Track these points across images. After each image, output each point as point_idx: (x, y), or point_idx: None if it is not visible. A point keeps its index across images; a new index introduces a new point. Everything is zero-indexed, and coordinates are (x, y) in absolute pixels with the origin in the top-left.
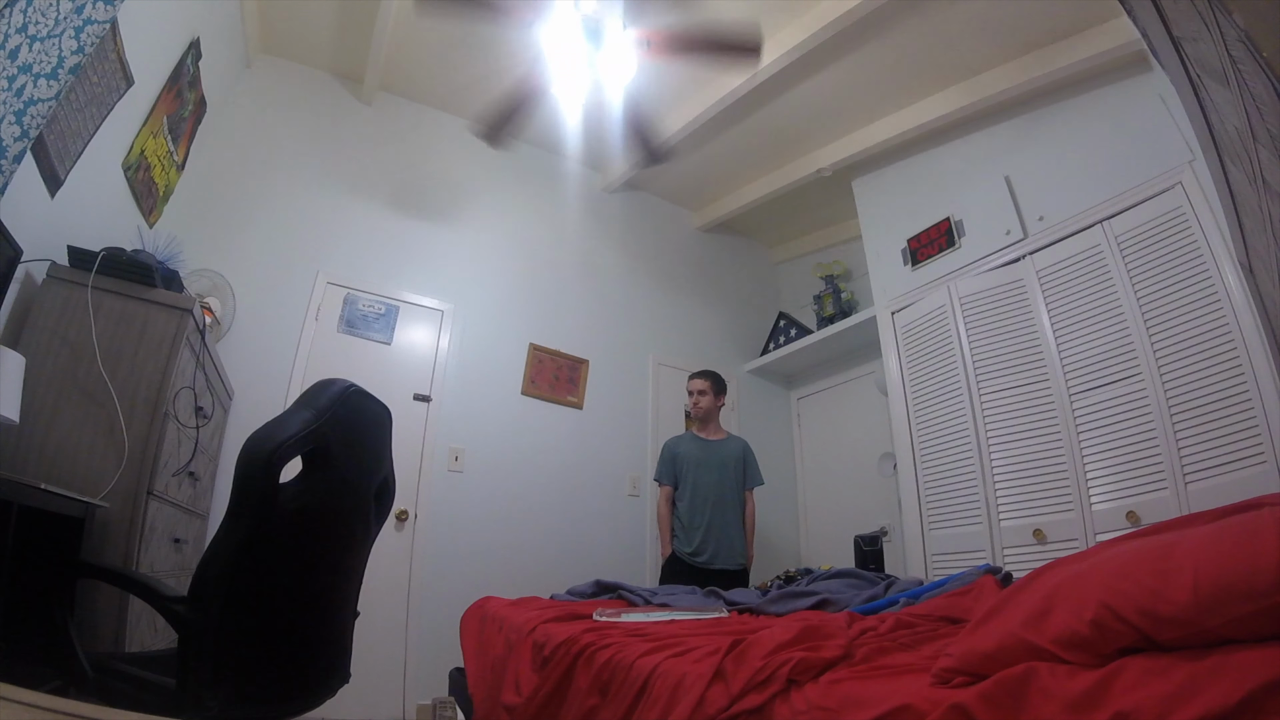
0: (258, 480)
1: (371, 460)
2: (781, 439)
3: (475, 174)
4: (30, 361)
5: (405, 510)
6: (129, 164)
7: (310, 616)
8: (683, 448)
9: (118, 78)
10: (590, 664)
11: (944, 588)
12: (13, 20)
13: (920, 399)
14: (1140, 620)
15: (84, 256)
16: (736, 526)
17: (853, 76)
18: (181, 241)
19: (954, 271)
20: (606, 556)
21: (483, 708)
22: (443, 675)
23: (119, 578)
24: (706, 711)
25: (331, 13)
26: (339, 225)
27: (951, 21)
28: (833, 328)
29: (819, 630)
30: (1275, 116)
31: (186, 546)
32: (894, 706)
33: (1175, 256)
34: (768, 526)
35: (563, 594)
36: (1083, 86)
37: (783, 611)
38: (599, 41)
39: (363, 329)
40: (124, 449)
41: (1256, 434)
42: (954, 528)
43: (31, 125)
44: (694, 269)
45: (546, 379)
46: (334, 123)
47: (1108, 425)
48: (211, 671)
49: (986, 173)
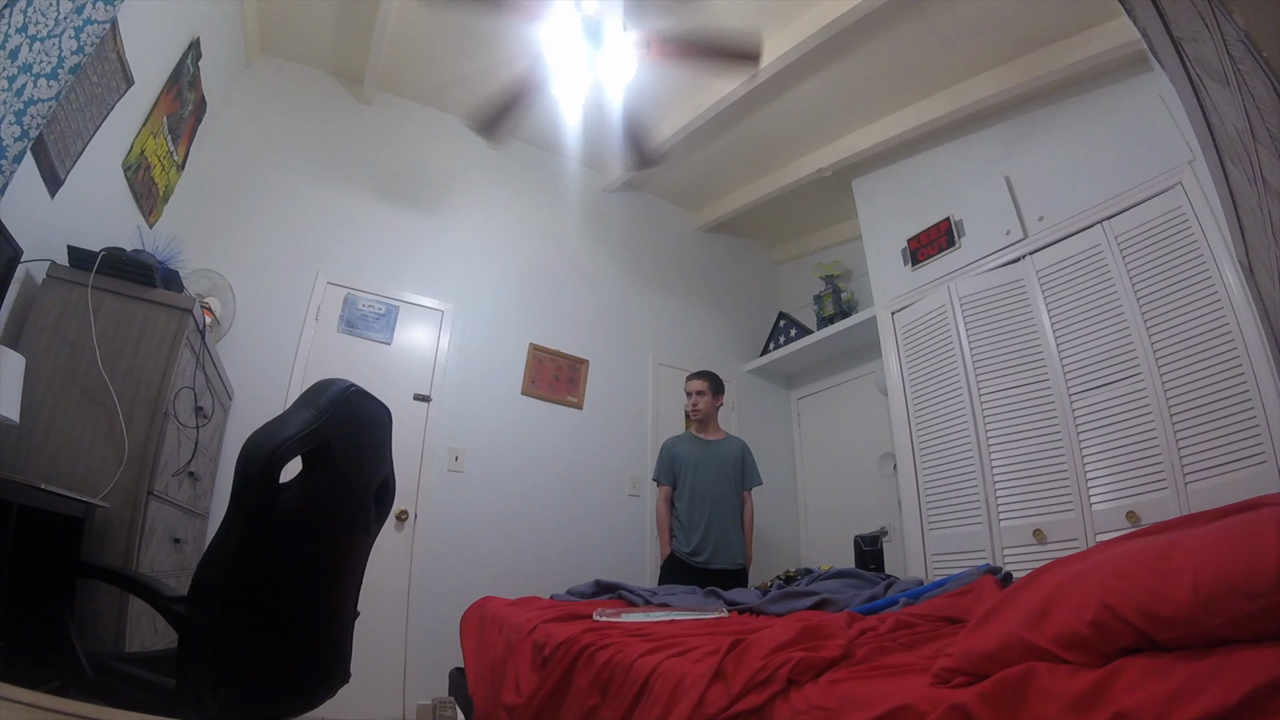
0: (257, 480)
1: (371, 460)
2: (781, 439)
3: (475, 174)
4: (30, 361)
5: (405, 510)
6: (129, 164)
7: (310, 616)
8: (681, 448)
9: (118, 78)
10: (590, 664)
11: (944, 588)
12: (13, 20)
13: (920, 399)
14: (1140, 620)
15: (84, 256)
16: (735, 526)
17: (852, 77)
18: (181, 241)
19: (954, 271)
20: (606, 556)
21: (483, 708)
22: (443, 675)
23: (119, 578)
24: (706, 711)
25: (331, 13)
26: (339, 225)
27: (952, 22)
28: (833, 328)
29: (819, 630)
30: (1275, 116)
31: (186, 546)
32: (894, 706)
33: (1175, 256)
34: (768, 526)
35: (563, 594)
36: (1082, 86)
37: (783, 611)
38: (599, 41)
39: (363, 329)
40: (124, 449)
41: (1256, 434)
42: (954, 528)
43: (31, 125)
44: (694, 269)
45: (546, 379)
46: (334, 122)
47: (1108, 425)
48: (211, 671)
49: (986, 173)
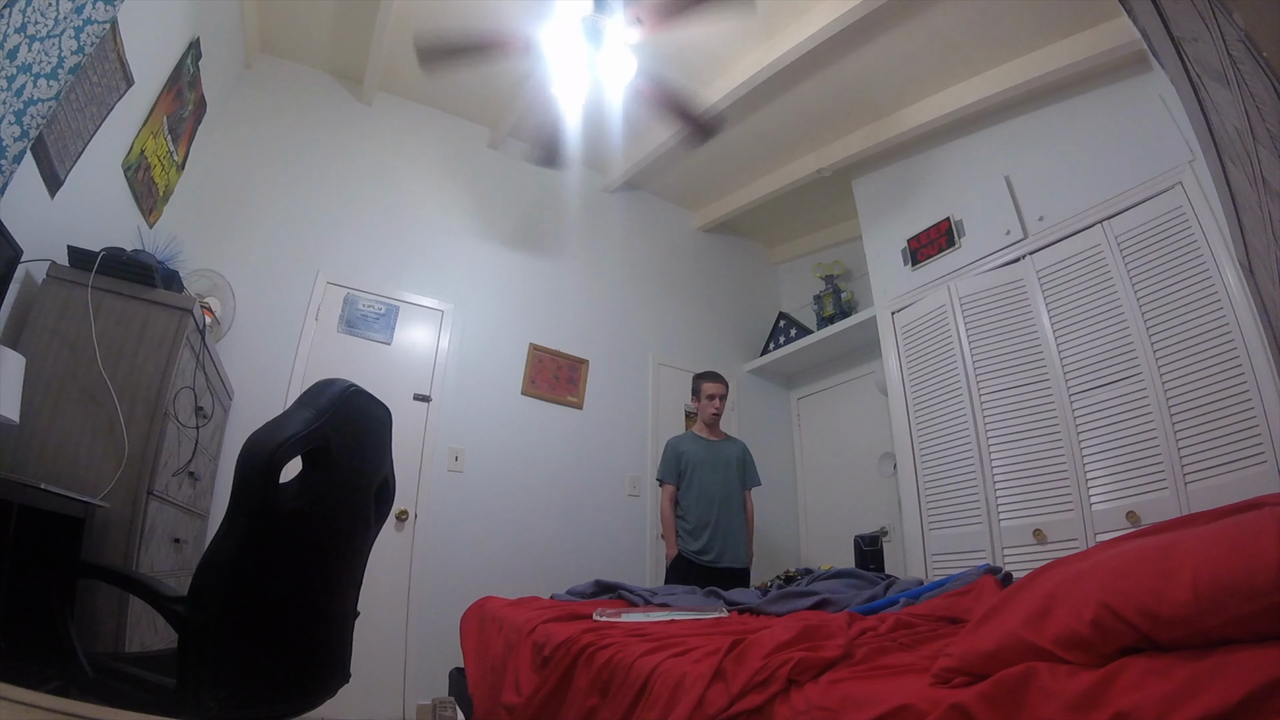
0: (258, 480)
1: (372, 460)
2: (781, 439)
3: (475, 174)
4: (30, 361)
5: (405, 510)
6: (129, 164)
7: (310, 616)
8: (686, 447)
9: (118, 78)
10: (590, 664)
11: (944, 588)
12: (12, 20)
13: (920, 399)
14: (1140, 620)
15: (84, 256)
16: (741, 526)
17: (852, 77)
18: (181, 241)
19: (954, 271)
20: (606, 556)
21: (483, 708)
22: (443, 675)
23: (119, 578)
24: (706, 711)
25: (331, 13)
26: (339, 225)
27: (952, 22)
28: (833, 328)
29: (819, 630)
30: (1275, 116)
31: (186, 546)
32: (894, 706)
33: (1175, 256)
34: (768, 526)
35: (563, 594)
36: (1083, 86)
37: (783, 611)
38: (599, 41)
39: (363, 329)
40: (124, 449)
41: (1256, 434)
42: (954, 528)
43: (31, 125)
44: (694, 269)
45: (546, 379)
46: (334, 122)
47: (1108, 425)
48: (211, 671)
49: (986, 173)
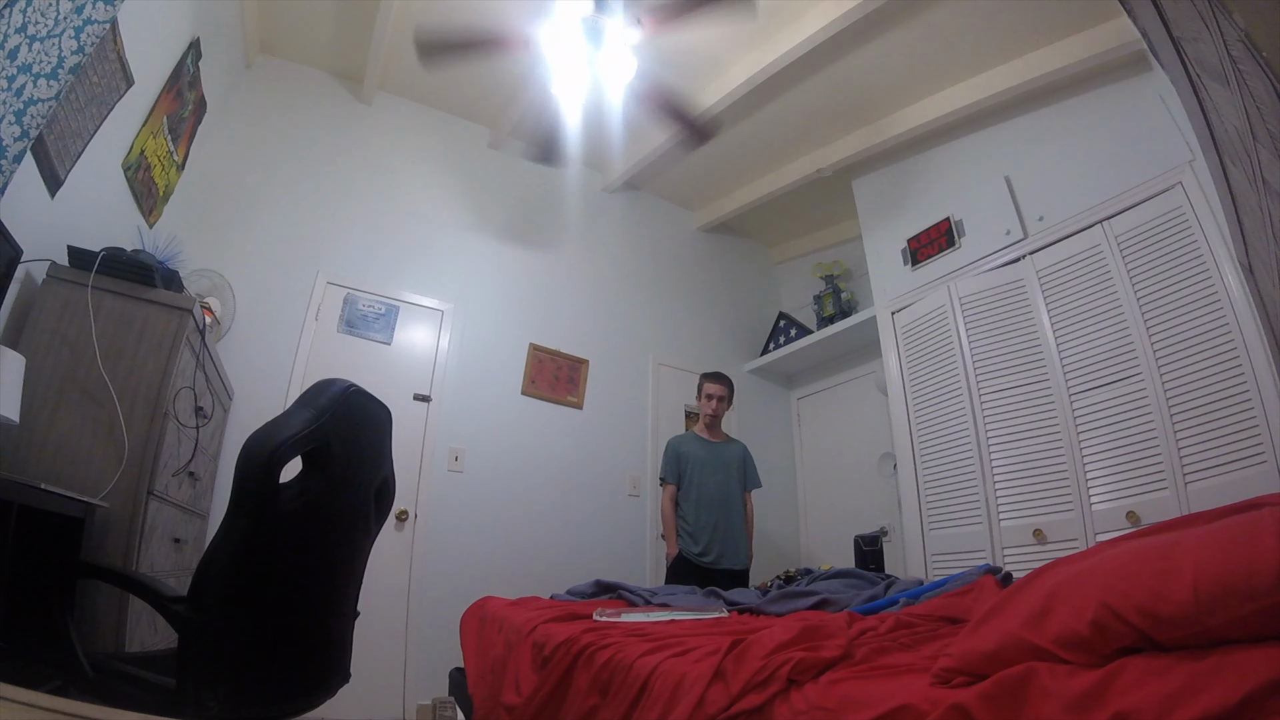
0: (257, 480)
1: (371, 460)
2: (781, 439)
3: (475, 174)
4: (30, 361)
5: (405, 510)
6: (129, 164)
7: (310, 616)
8: (687, 447)
9: (118, 78)
10: (590, 664)
11: (944, 588)
12: (12, 20)
13: (920, 399)
14: (1140, 620)
15: (84, 256)
16: (741, 527)
17: (852, 77)
18: (181, 241)
19: (954, 271)
20: (606, 556)
21: (483, 708)
22: (443, 675)
23: (119, 578)
24: (706, 711)
25: (331, 13)
26: (339, 225)
27: (951, 23)
28: (833, 328)
29: (819, 630)
30: (1275, 116)
31: (186, 546)
32: (894, 706)
33: (1175, 256)
34: (768, 526)
35: (563, 594)
36: (1083, 86)
37: (783, 611)
38: (599, 41)
39: (363, 329)
40: (124, 449)
41: (1256, 434)
42: (954, 528)
43: (31, 125)
44: (694, 269)
45: (546, 379)
46: (333, 122)
47: (1108, 425)
48: (211, 671)
49: (986, 173)
